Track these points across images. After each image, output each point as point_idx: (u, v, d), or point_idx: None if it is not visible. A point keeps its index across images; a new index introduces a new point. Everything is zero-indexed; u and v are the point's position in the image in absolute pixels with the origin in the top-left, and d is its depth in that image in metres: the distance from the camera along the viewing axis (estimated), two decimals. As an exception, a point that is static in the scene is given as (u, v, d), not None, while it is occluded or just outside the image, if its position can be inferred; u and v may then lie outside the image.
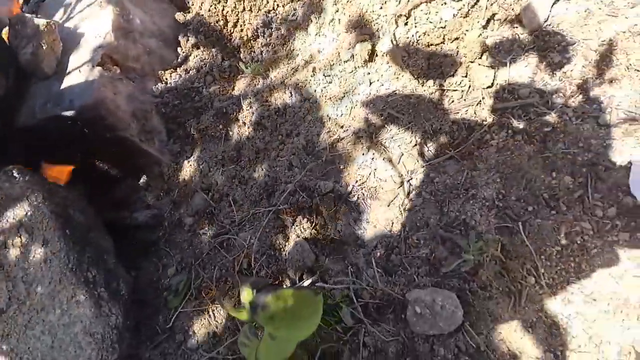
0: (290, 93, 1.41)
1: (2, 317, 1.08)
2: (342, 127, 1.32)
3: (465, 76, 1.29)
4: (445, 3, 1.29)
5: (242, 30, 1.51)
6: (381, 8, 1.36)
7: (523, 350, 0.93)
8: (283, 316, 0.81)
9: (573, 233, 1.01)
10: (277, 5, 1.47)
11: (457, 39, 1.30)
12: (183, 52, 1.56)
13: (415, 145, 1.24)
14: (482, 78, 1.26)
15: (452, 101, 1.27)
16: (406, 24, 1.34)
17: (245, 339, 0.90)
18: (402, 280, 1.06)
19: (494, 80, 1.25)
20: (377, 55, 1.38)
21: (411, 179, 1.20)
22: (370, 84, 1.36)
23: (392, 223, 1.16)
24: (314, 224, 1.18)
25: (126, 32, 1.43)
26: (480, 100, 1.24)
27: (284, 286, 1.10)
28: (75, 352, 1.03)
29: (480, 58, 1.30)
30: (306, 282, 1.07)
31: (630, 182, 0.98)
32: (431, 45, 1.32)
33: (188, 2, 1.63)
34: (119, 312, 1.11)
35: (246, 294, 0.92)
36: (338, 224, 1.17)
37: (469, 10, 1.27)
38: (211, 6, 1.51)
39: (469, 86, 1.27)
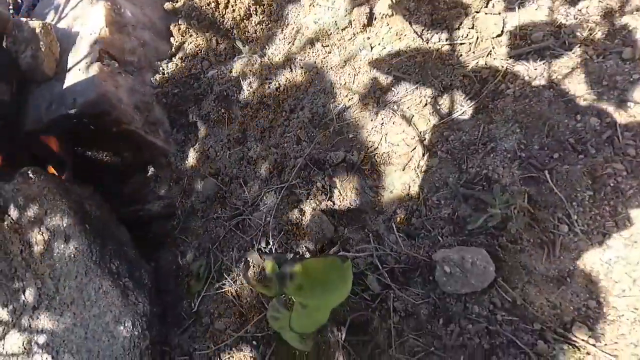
0: (290, 68, 1.38)
1: (35, 314, 1.10)
2: (346, 96, 1.28)
3: (472, 27, 1.22)
4: (443, -49, 1.22)
5: (234, 10, 1.47)
6: (376, -33, 1.30)
7: (562, 300, 0.88)
8: (311, 284, 0.80)
9: (605, 176, 0.95)
10: (267, -19, 1.43)
11: (460, -12, 1.22)
12: (176, 41, 1.54)
13: (426, 104, 1.18)
14: (491, 27, 1.19)
15: (461, 55, 1.20)
16: (404, -20, 1.27)
17: (275, 313, 0.89)
18: (426, 242, 1.03)
19: (503, 28, 1.18)
20: (375, 19, 1.32)
21: (424, 139, 1.15)
22: (372, 48, 1.30)
23: (409, 186, 1.12)
24: (328, 196, 1.15)
25: (120, 26, 1.41)
26: (491, 51, 1.17)
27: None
28: (108, 341, 1.05)
29: (487, 6, 1.22)
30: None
31: (666, 113, 0.91)
32: (433, -1, 1.25)
33: (176, -9, 1.60)
34: (145, 300, 1.12)
35: (270, 268, 0.90)
36: (353, 193, 1.13)
37: (470, -45, 1.20)
38: (200, -10, 1.47)
39: (477, 37, 1.20)
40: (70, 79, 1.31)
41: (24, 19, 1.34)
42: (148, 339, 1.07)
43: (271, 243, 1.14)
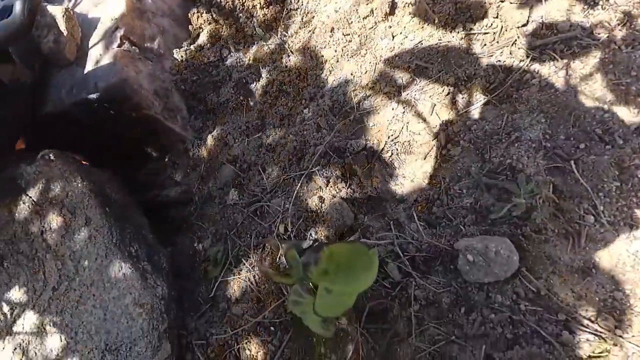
0: (310, 56, 1.37)
1: (55, 295, 1.11)
2: (367, 84, 1.27)
3: (497, 17, 1.21)
4: (469, -61, 1.20)
5: (253, -2, 1.47)
6: (399, -45, 1.29)
7: (588, 290, 0.87)
8: (337, 269, 0.79)
9: (633, 167, 0.93)
10: (287, -31, 1.42)
11: (484, -23, 1.21)
12: (195, 28, 1.54)
13: (448, 94, 1.17)
14: (516, 16, 1.17)
15: (485, 44, 1.19)
16: (427, -32, 1.26)
17: (297, 297, 0.88)
18: (447, 231, 1.02)
19: (529, 17, 1.16)
20: (398, 7, 1.31)
21: (446, 129, 1.14)
22: (394, 37, 1.29)
23: (430, 176, 1.11)
24: (348, 184, 1.15)
25: (140, 12, 1.42)
26: (516, 40, 1.15)
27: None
28: (127, 323, 1.06)
29: (512, -4, 1.21)
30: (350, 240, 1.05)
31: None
32: (457, -12, 1.23)
33: (195, -21, 1.60)
34: (163, 283, 1.12)
35: (290, 255, 0.90)
36: (374, 182, 1.13)
37: (496, -57, 1.18)
38: (220, -22, 1.47)
39: (502, 27, 1.19)
40: (91, 64, 1.32)
41: (45, 4, 1.35)
42: (166, 322, 1.08)
43: (290, 230, 1.14)
